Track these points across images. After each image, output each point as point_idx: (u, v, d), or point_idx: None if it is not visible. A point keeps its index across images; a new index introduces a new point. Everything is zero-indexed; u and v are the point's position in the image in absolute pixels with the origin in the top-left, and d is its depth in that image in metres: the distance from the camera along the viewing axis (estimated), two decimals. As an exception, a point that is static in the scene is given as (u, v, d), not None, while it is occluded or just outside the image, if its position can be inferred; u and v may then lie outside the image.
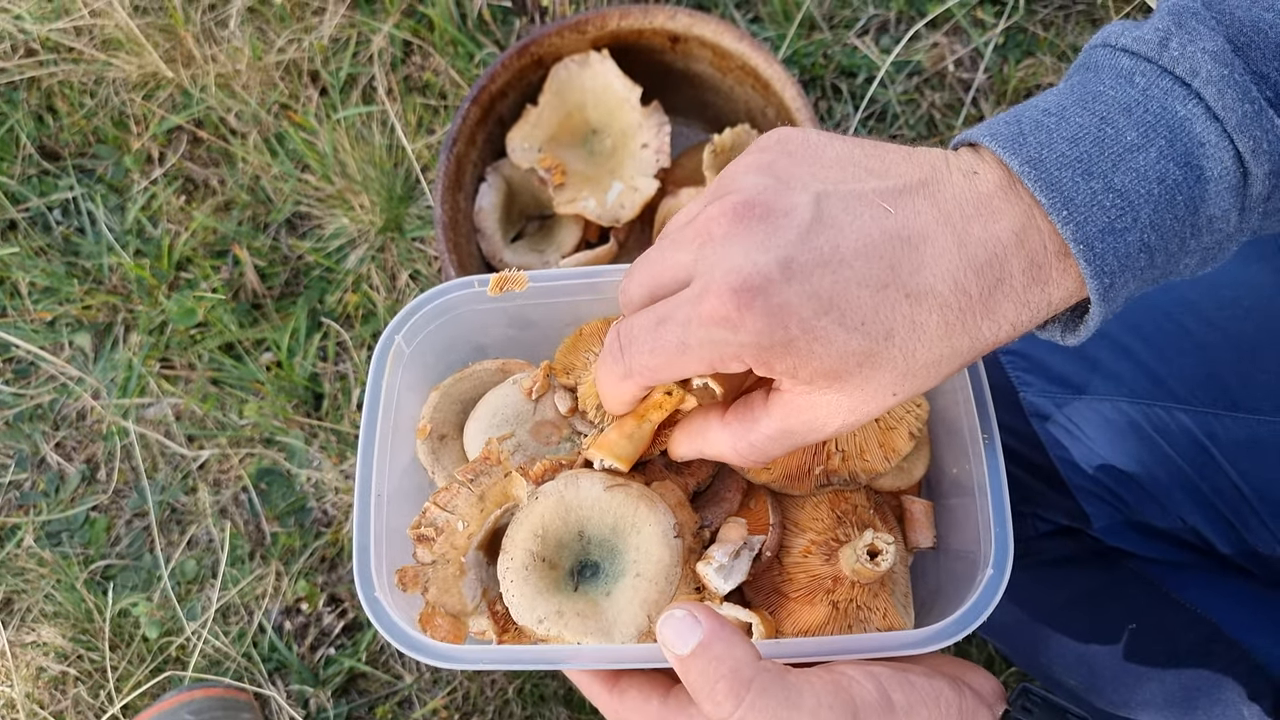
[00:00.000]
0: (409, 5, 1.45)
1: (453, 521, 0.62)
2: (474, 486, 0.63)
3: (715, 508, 0.67)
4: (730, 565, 0.61)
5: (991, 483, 0.63)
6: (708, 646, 0.49)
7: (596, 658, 0.57)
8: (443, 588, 0.62)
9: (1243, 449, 0.82)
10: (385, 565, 0.64)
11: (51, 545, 1.34)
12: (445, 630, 0.62)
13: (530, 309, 0.73)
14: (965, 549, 0.66)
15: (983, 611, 0.59)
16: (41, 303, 1.41)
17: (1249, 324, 0.84)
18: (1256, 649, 0.87)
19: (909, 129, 1.40)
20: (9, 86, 1.48)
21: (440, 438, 0.72)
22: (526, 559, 0.60)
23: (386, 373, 0.69)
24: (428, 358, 0.73)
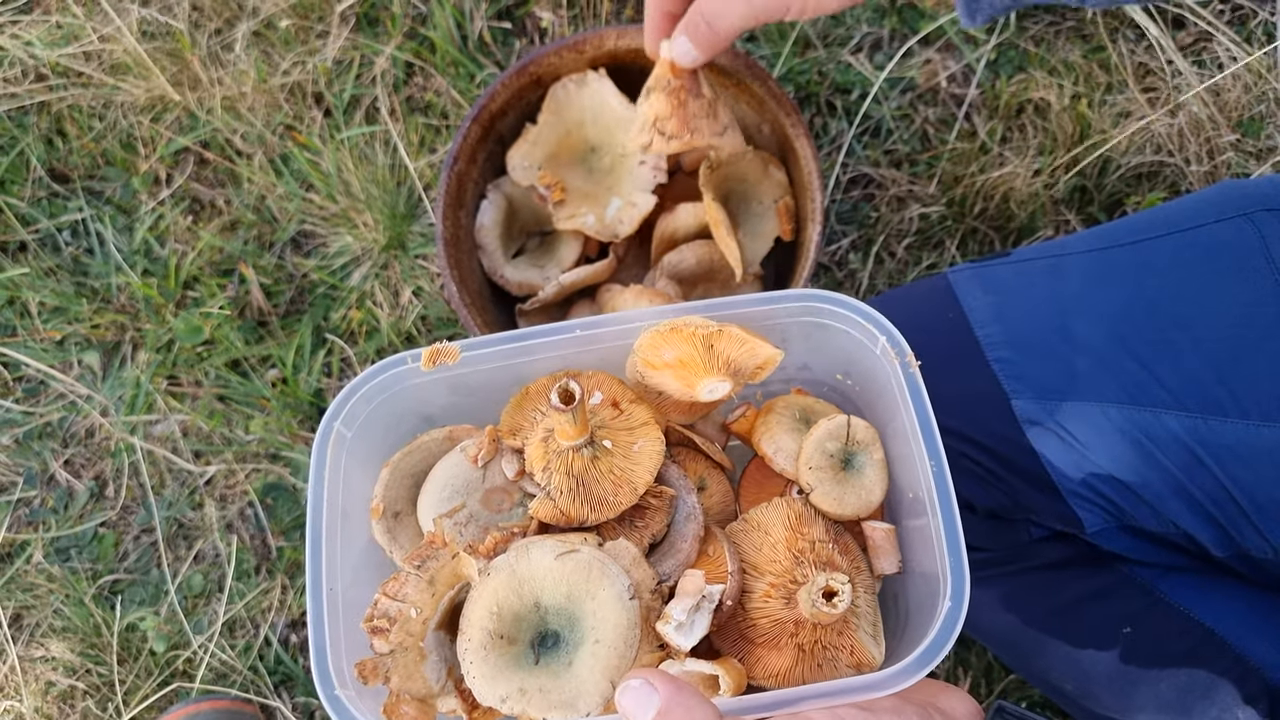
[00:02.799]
0: (411, 28, 1.48)
1: (405, 609, 0.62)
2: (422, 572, 0.63)
3: (672, 559, 0.67)
4: (690, 621, 0.61)
5: (942, 508, 0.63)
6: (666, 714, 0.50)
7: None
8: (405, 675, 0.62)
9: (1231, 453, 0.83)
10: (346, 658, 0.63)
11: (60, 561, 1.35)
12: (411, 717, 0.62)
13: (469, 376, 0.74)
14: (930, 571, 0.66)
15: (943, 646, 0.59)
16: (51, 322, 1.43)
17: (1237, 330, 0.85)
18: (1250, 652, 0.88)
19: (903, 144, 1.42)
20: (20, 111, 1.51)
21: (395, 515, 0.72)
22: (484, 638, 0.60)
23: (329, 459, 0.68)
24: (375, 434, 0.73)
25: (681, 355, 0.69)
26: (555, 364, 0.74)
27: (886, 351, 0.69)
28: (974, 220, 1.36)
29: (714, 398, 0.70)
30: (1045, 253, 0.95)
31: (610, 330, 0.71)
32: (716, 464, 0.76)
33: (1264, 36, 1.37)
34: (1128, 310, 0.88)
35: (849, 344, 0.72)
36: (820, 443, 0.71)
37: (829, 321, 0.72)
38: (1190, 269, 0.88)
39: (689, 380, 0.70)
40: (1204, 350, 0.85)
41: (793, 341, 0.74)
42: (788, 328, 0.73)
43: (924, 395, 0.67)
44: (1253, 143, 1.30)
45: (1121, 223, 0.96)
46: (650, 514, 0.67)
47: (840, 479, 0.70)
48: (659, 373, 0.71)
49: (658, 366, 0.70)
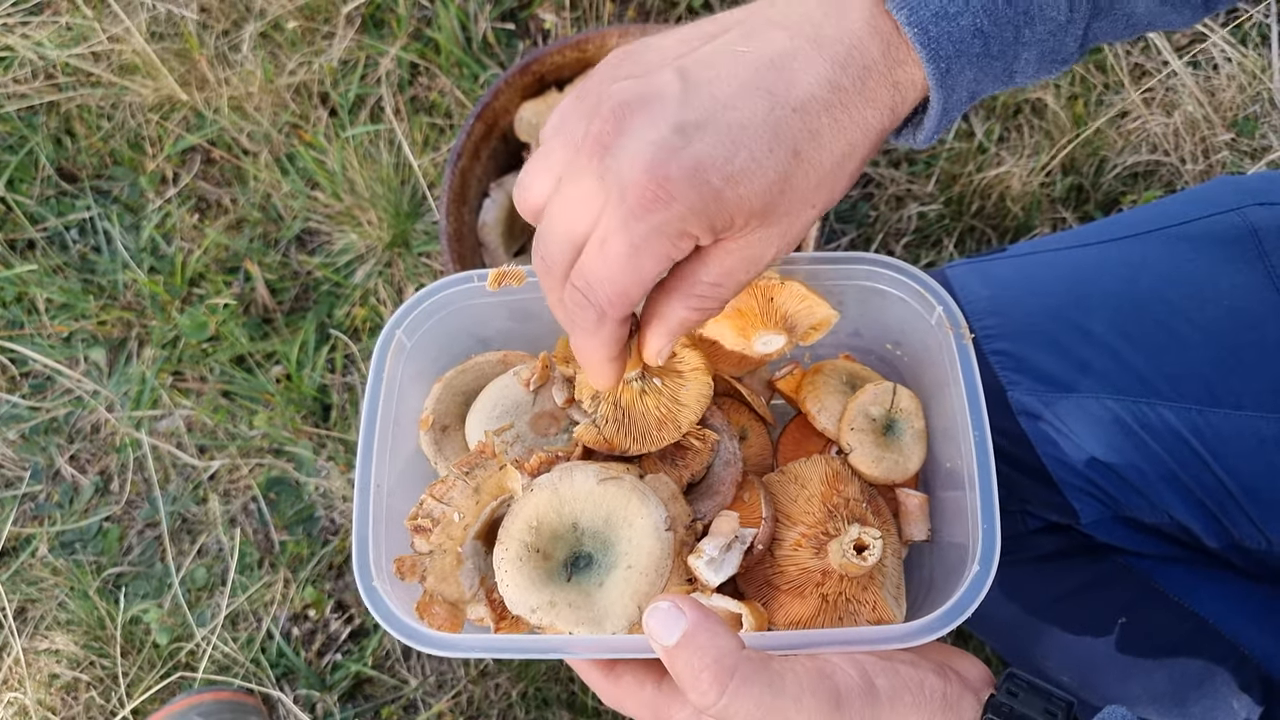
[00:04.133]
0: (416, 29, 1.50)
1: (449, 513, 0.63)
2: (469, 479, 0.64)
3: (709, 500, 0.68)
4: (721, 558, 0.62)
5: (980, 477, 0.64)
6: (692, 637, 0.51)
7: (588, 647, 0.59)
8: (440, 576, 0.63)
9: (1227, 444, 0.84)
10: (385, 556, 0.65)
11: (65, 555, 1.36)
12: (442, 618, 0.63)
13: (530, 303, 0.75)
14: (959, 542, 0.66)
15: (968, 606, 0.60)
16: (58, 318, 1.45)
17: (1230, 323, 0.86)
18: (1244, 641, 0.88)
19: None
20: (29, 110, 1.53)
21: (443, 429, 0.74)
22: (521, 550, 0.61)
23: (388, 365, 0.70)
24: (431, 351, 0.75)
25: (741, 305, 0.69)
26: None
27: (941, 321, 0.69)
28: (971, 219, 1.37)
29: (767, 350, 0.71)
30: (1042, 248, 0.96)
31: None
32: (759, 417, 0.77)
33: (1258, 37, 1.38)
34: (1123, 303, 0.88)
35: (904, 313, 0.73)
36: (864, 406, 0.72)
37: (886, 287, 0.72)
38: (1184, 262, 0.89)
39: (745, 330, 0.71)
40: (1198, 342, 0.85)
41: (848, 306, 0.75)
42: (845, 290, 0.73)
43: (974, 367, 0.67)
44: (1247, 142, 1.31)
45: (1117, 218, 0.97)
46: (692, 455, 0.68)
47: (880, 443, 0.72)
48: (716, 322, 0.71)
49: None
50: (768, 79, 0.50)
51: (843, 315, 0.73)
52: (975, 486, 0.64)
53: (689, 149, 0.49)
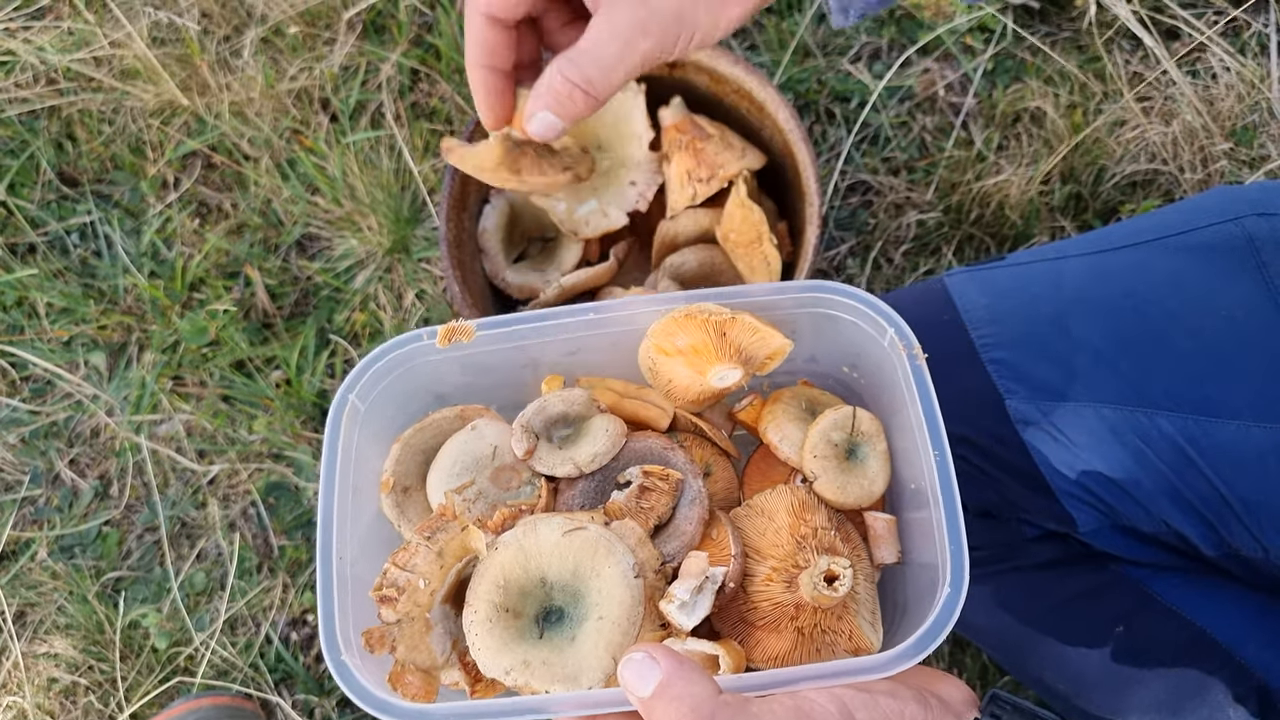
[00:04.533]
0: (416, 35, 1.51)
1: (414, 580, 0.63)
2: (432, 544, 0.64)
3: (676, 541, 0.68)
4: (693, 601, 0.62)
5: (944, 496, 0.64)
6: (667, 686, 0.51)
7: (566, 704, 0.58)
8: (411, 645, 0.62)
9: (1223, 454, 0.84)
10: (354, 627, 0.64)
11: (64, 559, 1.37)
12: (416, 687, 0.62)
13: (484, 355, 0.74)
14: (930, 561, 0.66)
15: (941, 630, 0.60)
16: (58, 322, 1.45)
17: (1227, 333, 0.86)
18: (1241, 651, 0.88)
19: (901, 151, 1.44)
20: (30, 115, 1.53)
21: (404, 490, 0.73)
22: (490, 611, 0.61)
23: (342, 431, 0.69)
24: (387, 410, 0.74)
25: (694, 342, 0.70)
26: (568, 346, 0.74)
27: (894, 343, 0.70)
28: (970, 227, 1.38)
29: (724, 385, 0.72)
30: (1040, 256, 0.97)
31: (624, 314, 0.71)
32: (723, 451, 0.77)
33: (1257, 47, 1.39)
34: (1121, 312, 0.89)
35: (857, 336, 0.73)
36: (825, 432, 0.72)
37: (838, 313, 0.73)
38: (1183, 272, 0.89)
39: (700, 367, 0.71)
40: (1195, 352, 0.86)
41: (802, 333, 0.75)
42: (798, 318, 0.74)
43: (929, 386, 0.68)
44: (1246, 151, 1.32)
45: (1116, 227, 0.97)
46: (656, 496, 0.68)
47: (844, 468, 0.72)
48: (671, 360, 0.72)
49: (670, 353, 0.72)
50: None
51: (797, 342, 0.74)
52: (940, 506, 0.64)
53: None
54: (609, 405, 0.75)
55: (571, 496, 0.70)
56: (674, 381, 0.74)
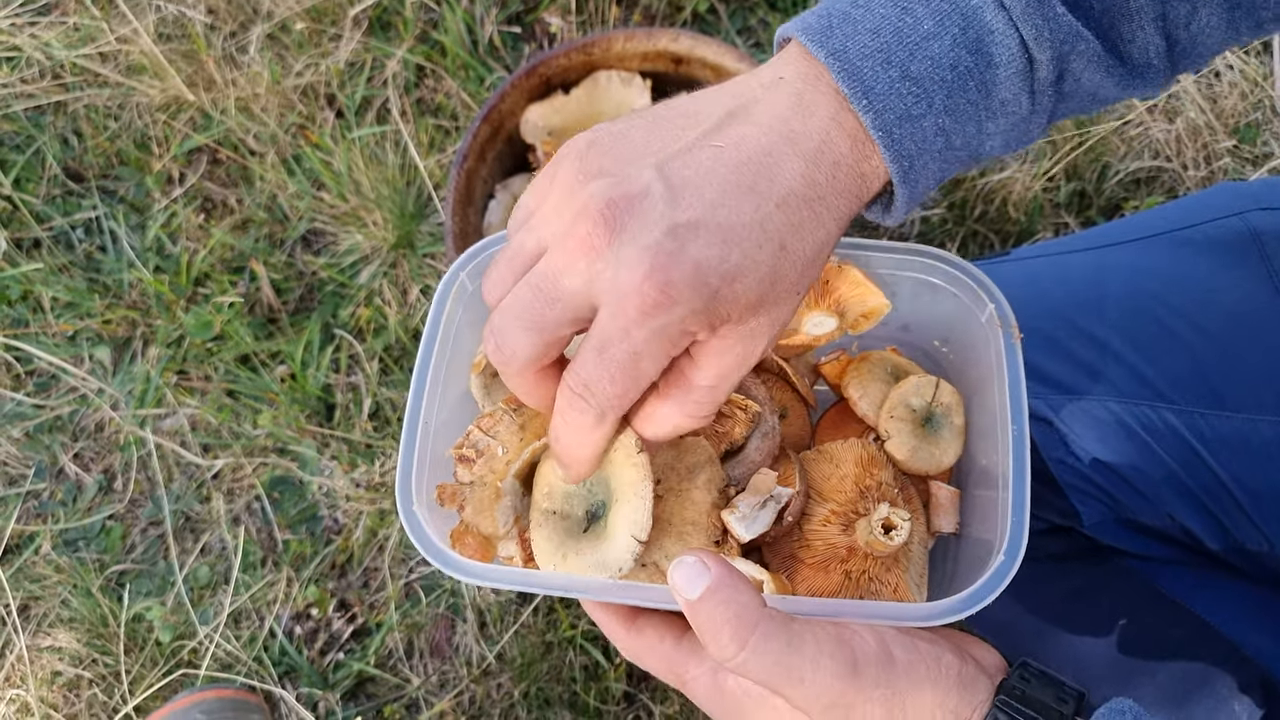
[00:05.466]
0: (422, 31, 1.51)
1: (493, 446, 0.64)
2: (517, 415, 0.65)
3: (743, 468, 0.69)
4: (754, 515, 0.63)
5: (1015, 474, 0.64)
6: (715, 591, 0.51)
7: (614, 592, 0.59)
8: (478, 509, 0.63)
9: (1229, 447, 0.84)
10: (426, 486, 0.65)
11: (68, 552, 1.37)
12: (474, 549, 0.63)
13: None
14: (986, 538, 0.67)
15: (990, 593, 0.60)
16: (63, 317, 1.45)
17: (1232, 326, 0.86)
18: (1245, 643, 0.89)
19: (905, 149, 1.44)
20: (36, 111, 1.54)
21: (493, 374, 0.73)
22: (540, 517, 0.63)
23: (448, 305, 0.70)
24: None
25: None
26: None
27: (992, 319, 0.70)
28: (974, 223, 1.38)
29: (818, 332, 0.72)
30: (1045, 251, 0.97)
31: None
32: (801, 398, 0.78)
33: (1260, 45, 1.39)
34: (1125, 306, 0.89)
35: (954, 308, 0.73)
36: (905, 396, 0.73)
37: (940, 282, 0.72)
38: (1186, 265, 0.90)
39: (798, 311, 0.71)
40: (1200, 344, 0.86)
41: (900, 299, 0.75)
42: (899, 281, 0.74)
43: (1020, 365, 0.68)
44: (1249, 149, 1.32)
45: (1120, 223, 0.97)
46: (731, 423, 0.69)
47: (918, 433, 0.72)
48: None
49: None
50: (749, 177, 0.51)
51: (895, 307, 0.74)
52: (1009, 484, 0.64)
53: (686, 252, 0.49)
54: None
55: None
56: None
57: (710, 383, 0.55)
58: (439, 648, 1.29)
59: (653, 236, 0.49)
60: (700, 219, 0.50)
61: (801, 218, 0.52)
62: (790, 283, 0.53)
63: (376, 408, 1.38)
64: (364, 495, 1.35)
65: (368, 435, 1.37)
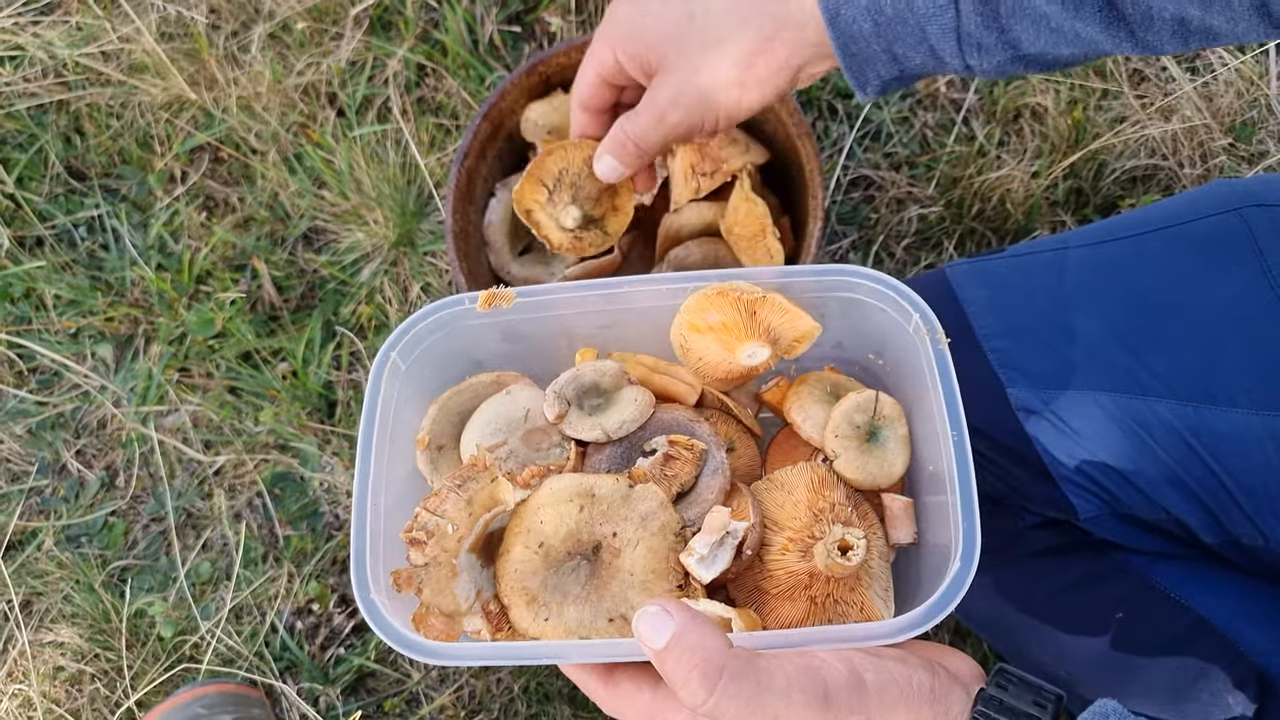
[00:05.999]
0: (423, 31, 1.52)
1: (443, 525, 0.65)
2: (462, 491, 0.66)
3: (697, 508, 0.69)
4: (712, 555, 0.64)
5: (960, 477, 0.65)
6: (681, 638, 0.52)
7: (581, 653, 0.60)
8: (436, 589, 0.64)
9: (1222, 441, 0.84)
10: (383, 570, 0.66)
11: (71, 548, 1.37)
12: (439, 630, 0.64)
13: (521, 324, 0.77)
14: (943, 544, 0.67)
15: (949, 602, 0.61)
16: (66, 315, 1.46)
17: (1226, 321, 0.87)
18: (1240, 638, 0.89)
19: (903, 147, 1.45)
20: (39, 109, 1.55)
21: (439, 448, 0.75)
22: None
23: (383, 387, 0.72)
24: (425, 372, 0.76)
25: (725, 319, 0.72)
26: (603, 319, 0.77)
27: (919, 328, 0.71)
28: (971, 221, 1.39)
29: (753, 363, 0.73)
30: (1041, 248, 0.97)
31: (658, 289, 0.74)
32: (747, 429, 0.79)
33: (1256, 45, 1.40)
34: (1121, 301, 0.89)
35: (884, 322, 0.74)
36: (848, 413, 0.73)
37: (865, 298, 0.74)
38: (1182, 261, 0.90)
39: (730, 344, 0.73)
40: (1195, 340, 0.87)
41: (830, 318, 0.76)
42: (826, 302, 0.75)
43: (951, 369, 0.69)
44: (1245, 147, 1.33)
45: (1116, 219, 0.98)
46: (680, 465, 0.70)
47: (864, 449, 0.73)
48: (702, 337, 0.73)
49: (701, 330, 0.73)
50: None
51: (825, 328, 0.75)
52: (955, 488, 0.65)
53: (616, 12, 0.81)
54: (639, 378, 0.77)
55: (599, 461, 0.72)
56: (704, 359, 0.75)
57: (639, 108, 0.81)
58: (439, 643, 1.30)
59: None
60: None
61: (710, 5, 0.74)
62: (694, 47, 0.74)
63: (377, 405, 1.39)
64: (365, 491, 1.35)
65: (368, 432, 1.38)
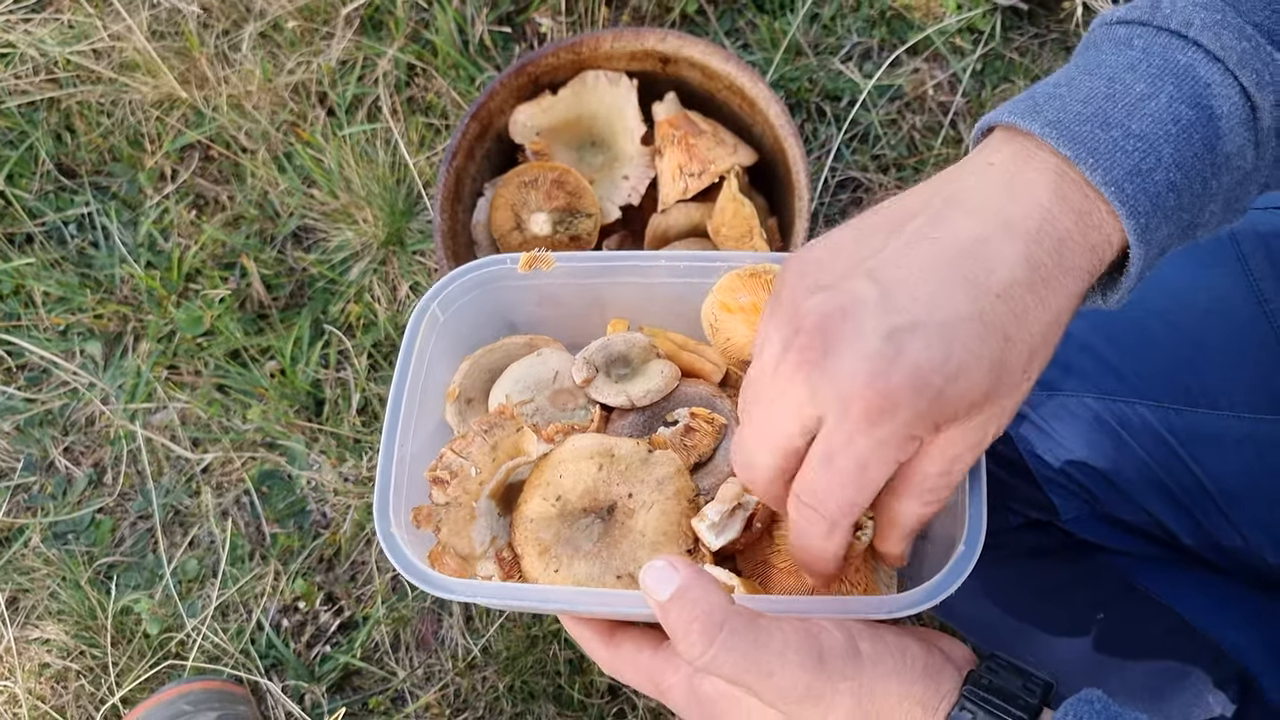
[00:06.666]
0: (414, 31, 1.52)
1: (467, 467, 0.66)
2: (488, 437, 0.67)
3: (712, 478, 0.71)
4: (723, 523, 0.65)
5: (971, 470, 0.65)
6: (684, 591, 0.53)
7: (589, 601, 0.61)
8: (454, 529, 0.65)
9: (1203, 443, 0.85)
10: (404, 508, 0.68)
11: (58, 545, 1.37)
12: (452, 569, 0.65)
13: (558, 289, 0.78)
14: (950, 534, 0.68)
15: (951, 584, 0.61)
16: (55, 311, 1.46)
17: (1208, 325, 0.87)
18: (1221, 638, 0.89)
19: (890, 149, 1.45)
20: (30, 107, 1.55)
21: (468, 401, 0.77)
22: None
23: (419, 336, 0.73)
24: (462, 329, 0.78)
25: (756, 301, 0.73)
26: (638, 291, 0.78)
27: None
28: (959, 224, 1.39)
29: None
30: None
31: (693, 265, 0.75)
32: None
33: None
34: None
35: None
36: None
37: None
38: (1164, 265, 0.90)
39: (756, 326, 0.73)
40: (1176, 342, 0.87)
41: None
42: None
43: None
44: (1230, 152, 1.33)
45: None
46: (699, 436, 0.71)
47: None
48: (732, 317, 0.75)
49: (732, 310, 0.74)
50: (965, 268, 0.50)
51: None
52: (966, 480, 0.65)
53: (904, 355, 0.49)
54: (667, 353, 0.79)
55: (621, 427, 0.74)
56: (732, 339, 0.76)
57: (940, 470, 0.54)
58: (425, 641, 1.30)
59: (870, 344, 0.49)
60: (917, 320, 0.49)
61: (1025, 305, 0.50)
62: (1017, 371, 0.51)
63: (365, 403, 1.39)
64: (352, 490, 1.35)
65: (356, 430, 1.38)
